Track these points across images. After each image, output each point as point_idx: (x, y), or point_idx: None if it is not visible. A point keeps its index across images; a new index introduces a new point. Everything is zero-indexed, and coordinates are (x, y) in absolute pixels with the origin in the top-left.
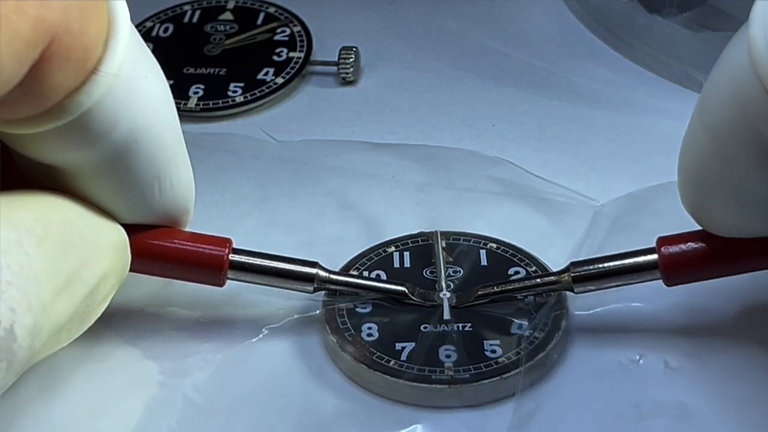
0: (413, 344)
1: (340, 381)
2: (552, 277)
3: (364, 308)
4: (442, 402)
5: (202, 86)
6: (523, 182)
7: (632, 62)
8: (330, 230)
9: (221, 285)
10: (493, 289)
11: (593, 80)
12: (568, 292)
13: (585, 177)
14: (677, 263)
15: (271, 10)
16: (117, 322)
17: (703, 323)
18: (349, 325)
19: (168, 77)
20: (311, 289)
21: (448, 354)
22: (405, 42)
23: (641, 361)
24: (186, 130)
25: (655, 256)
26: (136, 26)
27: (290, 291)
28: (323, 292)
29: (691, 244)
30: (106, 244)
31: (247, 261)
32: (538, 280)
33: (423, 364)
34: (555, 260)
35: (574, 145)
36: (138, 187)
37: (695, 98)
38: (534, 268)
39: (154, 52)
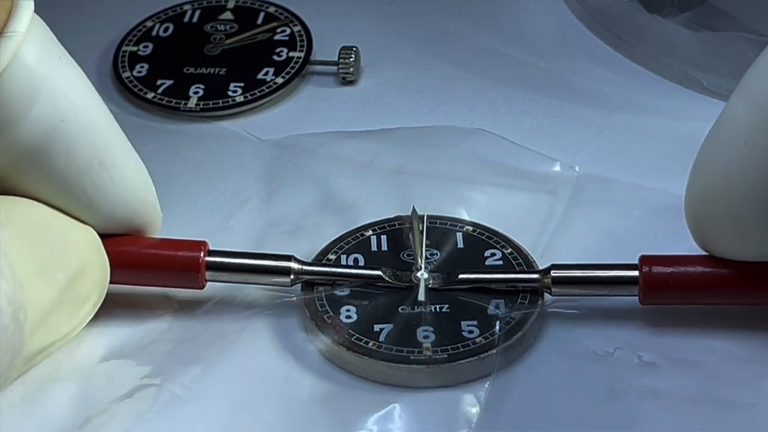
0: (391, 326)
1: (320, 363)
2: (533, 275)
3: (343, 291)
4: (419, 382)
5: (202, 86)
6: (500, 155)
7: (632, 62)
8: (309, 216)
9: (201, 287)
10: (474, 276)
11: (593, 80)
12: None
13: None
14: (657, 285)
15: (271, 9)
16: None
17: (678, 318)
18: (327, 308)
19: (168, 77)
20: (288, 281)
21: (426, 335)
22: (405, 42)
23: (615, 354)
24: (186, 130)
25: (636, 273)
26: (136, 26)
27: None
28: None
29: (674, 269)
30: (77, 239)
31: (223, 261)
32: (519, 276)
33: (401, 345)
34: (529, 239)
35: (574, 145)
36: (86, 174)
37: (695, 98)
38: (510, 249)
39: (154, 51)
